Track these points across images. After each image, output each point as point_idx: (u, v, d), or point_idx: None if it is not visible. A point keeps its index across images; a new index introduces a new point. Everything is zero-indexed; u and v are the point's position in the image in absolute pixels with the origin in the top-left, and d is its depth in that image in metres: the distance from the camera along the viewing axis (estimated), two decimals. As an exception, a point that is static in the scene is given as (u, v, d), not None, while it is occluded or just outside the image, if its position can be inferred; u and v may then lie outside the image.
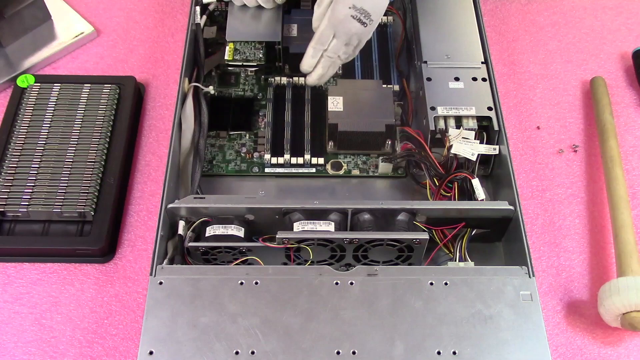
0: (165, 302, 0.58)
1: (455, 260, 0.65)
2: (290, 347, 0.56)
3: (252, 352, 0.56)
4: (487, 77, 0.75)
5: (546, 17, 0.94)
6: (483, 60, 0.76)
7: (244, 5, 0.82)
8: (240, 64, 0.84)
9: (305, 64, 0.75)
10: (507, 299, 0.59)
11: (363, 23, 0.71)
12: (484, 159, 0.71)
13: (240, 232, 0.65)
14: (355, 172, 0.76)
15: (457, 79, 0.75)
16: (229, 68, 0.84)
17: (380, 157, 0.76)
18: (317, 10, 0.73)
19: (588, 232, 0.74)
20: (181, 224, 0.65)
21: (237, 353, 0.56)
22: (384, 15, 0.88)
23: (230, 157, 0.77)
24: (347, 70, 0.83)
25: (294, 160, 0.75)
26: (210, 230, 0.65)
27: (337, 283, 0.60)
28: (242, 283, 0.60)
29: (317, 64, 0.75)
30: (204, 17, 0.85)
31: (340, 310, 0.58)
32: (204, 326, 0.57)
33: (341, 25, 0.71)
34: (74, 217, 0.70)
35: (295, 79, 0.81)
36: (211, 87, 0.80)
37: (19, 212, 0.70)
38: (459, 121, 0.72)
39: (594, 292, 0.70)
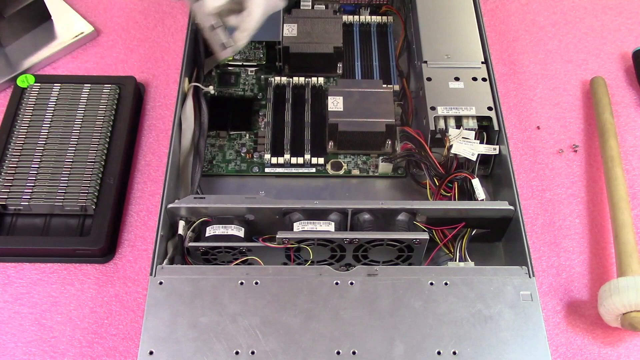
0: (165, 302, 0.58)
1: (455, 260, 0.65)
2: (290, 347, 0.56)
3: (252, 352, 0.56)
4: (487, 77, 0.75)
5: (546, 17, 0.94)
6: (483, 60, 0.76)
7: None
8: (240, 64, 0.84)
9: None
10: (507, 299, 0.59)
11: None
12: (484, 159, 0.71)
13: (240, 232, 0.65)
14: (355, 172, 0.76)
15: (457, 79, 0.75)
16: (229, 68, 0.84)
17: (380, 157, 0.76)
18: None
19: (588, 232, 0.74)
20: (181, 224, 0.65)
21: (237, 353, 0.56)
22: (385, 15, 0.88)
23: (230, 157, 0.77)
24: (347, 70, 0.83)
25: (294, 160, 0.75)
26: (210, 230, 0.65)
27: (337, 283, 0.60)
28: (242, 283, 0.60)
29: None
30: (204, 17, 0.85)
31: (340, 310, 0.58)
32: (204, 326, 0.57)
33: None
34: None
35: (295, 79, 0.81)
36: (211, 87, 0.80)
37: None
38: (459, 121, 0.72)
39: (594, 292, 0.70)
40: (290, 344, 0.56)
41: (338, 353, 0.56)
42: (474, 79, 0.75)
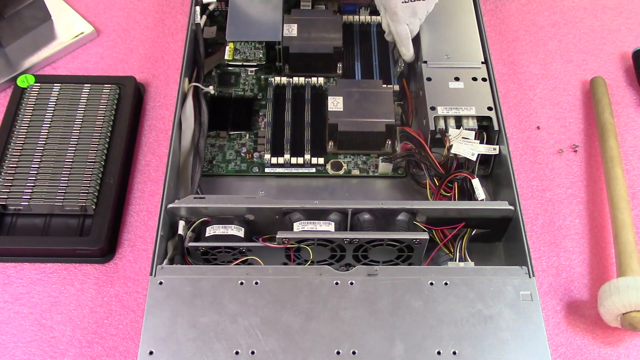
0: (165, 302, 0.58)
1: (455, 260, 0.65)
2: (290, 347, 0.56)
3: (252, 352, 0.56)
4: (487, 77, 0.75)
5: (546, 17, 0.94)
6: (483, 60, 0.76)
7: (244, 4, 0.81)
8: (240, 64, 0.84)
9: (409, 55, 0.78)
10: (507, 299, 0.59)
11: None
12: (484, 159, 0.71)
13: (240, 232, 0.65)
14: (355, 172, 0.76)
15: (457, 79, 0.75)
16: (229, 68, 0.84)
17: (380, 157, 0.76)
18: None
19: (588, 232, 0.74)
20: (181, 224, 0.65)
21: (237, 353, 0.56)
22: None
23: (230, 157, 0.77)
24: (347, 70, 0.83)
25: (294, 160, 0.75)
26: (210, 230, 0.65)
27: (337, 283, 0.60)
28: (242, 283, 0.60)
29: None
30: (204, 17, 0.85)
31: (340, 310, 0.58)
32: (203, 326, 0.57)
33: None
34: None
35: (295, 79, 0.81)
36: (211, 87, 0.80)
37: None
38: (459, 121, 0.72)
39: (594, 292, 0.70)
40: (290, 344, 0.56)
41: (338, 353, 0.56)
42: (474, 79, 0.75)
